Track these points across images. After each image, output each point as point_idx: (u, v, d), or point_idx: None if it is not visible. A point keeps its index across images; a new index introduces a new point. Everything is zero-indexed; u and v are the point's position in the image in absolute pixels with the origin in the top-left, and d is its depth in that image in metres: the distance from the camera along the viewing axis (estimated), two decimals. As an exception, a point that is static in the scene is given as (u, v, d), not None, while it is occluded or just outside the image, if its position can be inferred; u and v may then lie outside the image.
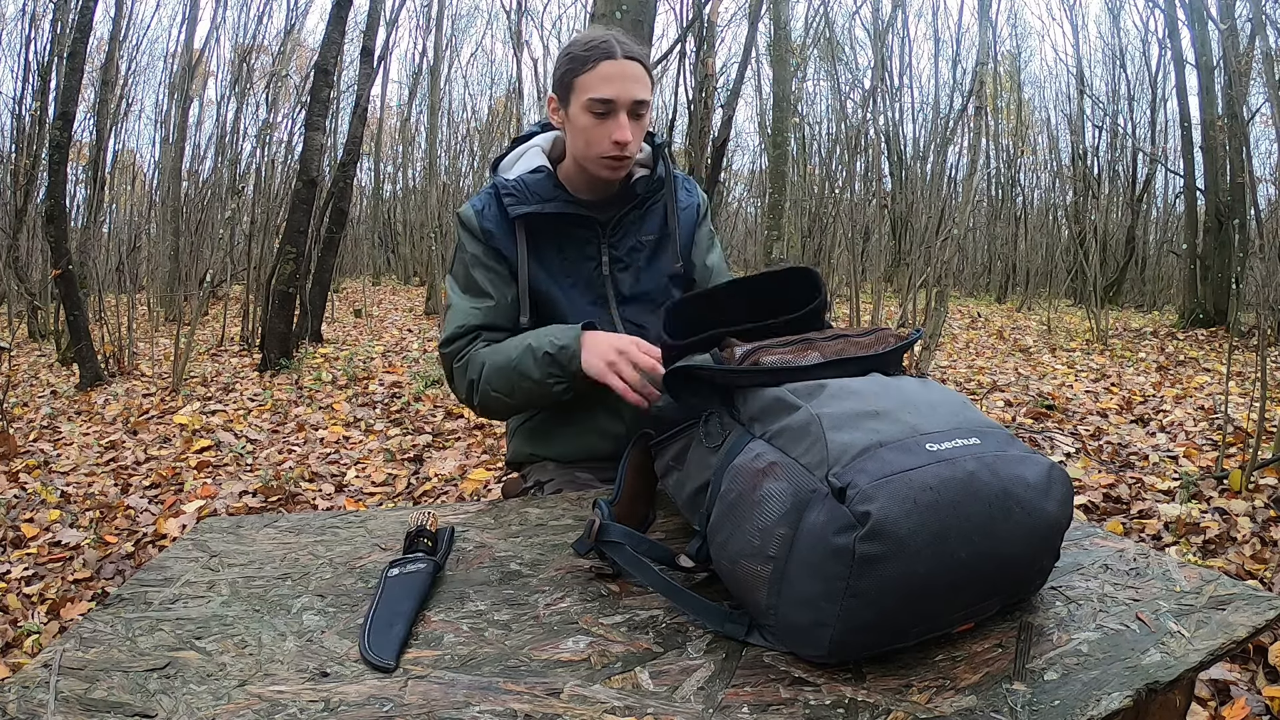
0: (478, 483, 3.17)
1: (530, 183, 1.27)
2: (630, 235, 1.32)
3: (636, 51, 1.21)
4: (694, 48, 6.25)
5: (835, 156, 11.41)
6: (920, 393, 0.80)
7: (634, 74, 1.19)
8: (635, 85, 1.19)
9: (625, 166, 1.25)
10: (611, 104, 1.18)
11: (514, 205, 1.26)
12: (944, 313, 5.44)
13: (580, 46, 1.21)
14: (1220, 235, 8.47)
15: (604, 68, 1.18)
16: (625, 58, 1.19)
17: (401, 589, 0.83)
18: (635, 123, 1.21)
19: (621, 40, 1.21)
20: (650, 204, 1.34)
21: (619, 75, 1.18)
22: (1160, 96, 13.62)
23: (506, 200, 1.26)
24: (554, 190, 1.27)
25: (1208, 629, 0.74)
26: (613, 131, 1.19)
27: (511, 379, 1.22)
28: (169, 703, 0.65)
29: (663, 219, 1.35)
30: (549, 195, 1.27)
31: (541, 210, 1.26)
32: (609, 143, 1.20)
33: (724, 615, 0.76)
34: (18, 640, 2.07)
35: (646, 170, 1.33)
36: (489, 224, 1.28)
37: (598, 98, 1.18)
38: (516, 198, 1.26)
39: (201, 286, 7.31)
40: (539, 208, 1.26)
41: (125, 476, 3.42)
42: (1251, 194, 8.48)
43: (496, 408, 1.29)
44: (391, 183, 18.45)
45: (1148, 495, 2.79)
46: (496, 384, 1.23)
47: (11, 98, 10.00)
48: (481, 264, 1.29)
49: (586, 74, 1.19)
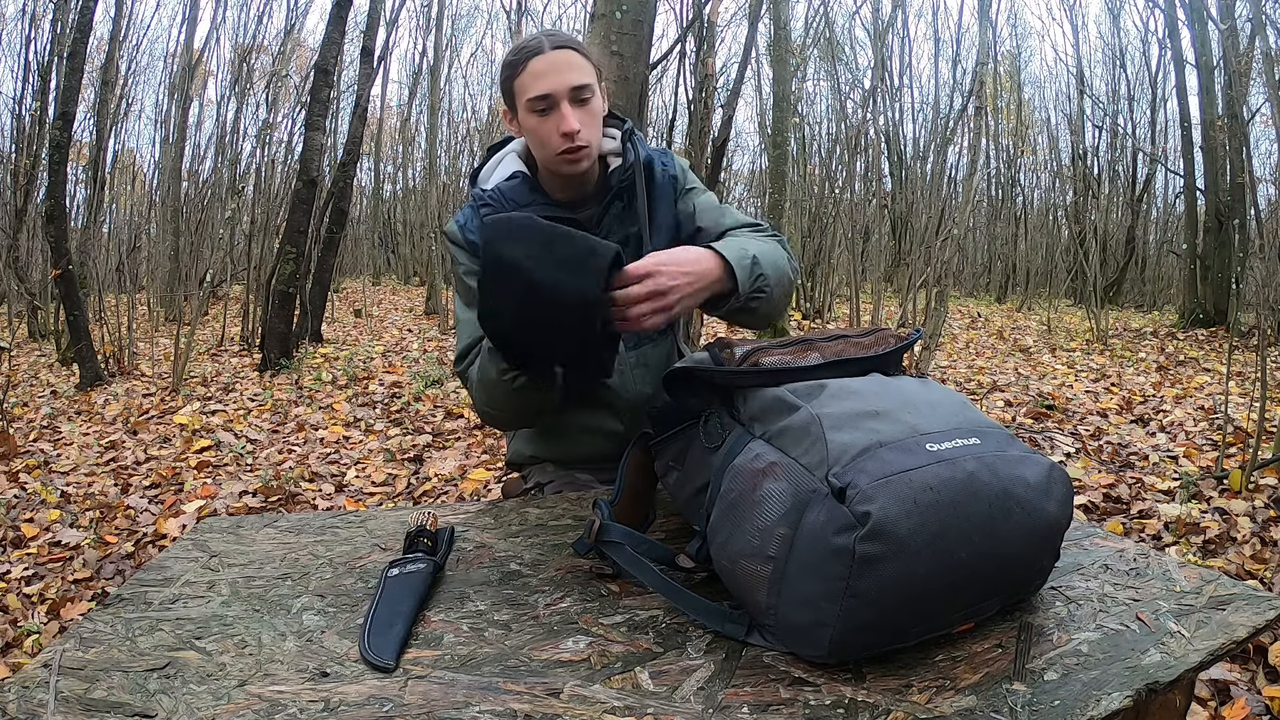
0: (478, 483, 3.17)
1: (506, 190, 1.25)
2: (616, 230, 1.28)
3: (566, 39, 1.19)
4: (694, 48, 6.24)
5: (835, 156, 11.41)
6: (920, 393, 0.80)
7: (565, 62, 1.17)
8: (569, 73, 1.16)
9: (585, 156, 1.21)
10: (550, 97, 1.16)
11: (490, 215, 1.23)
12: (944, 313, 5.44)
13: (511, 52, 1.20)
14: (1220, 235, 8.47)
15: (534, 65, 1.16)
16: (554, 49, 1.16)
17: (401, 589, 0.83)
18: (580, 109, 1.18)
19: (551, 34, 1.19)
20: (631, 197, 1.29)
21: (550, 68, 1.16)
22: (1160, 96, 13.64)
23: (484, 211, 1.24)
24: (530, 195, 1.26)
25: (1208, 629, 0.74)
26: (559, 124, 1.16)
27: (486, 386, 1.14)
28: (169, 703, 0.65)
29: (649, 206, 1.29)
30: (525, 200, 1.25)
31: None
32: (558, 137, 1.17)
33: (724, 615, 0.76)
34: (18, 640, 2.07)
35: (619, 160, 1.29)
36: (473, 236, 1.26)
37: (535, 95, 1.16)
38: (493, 207, 1.24)
39: (201, 286, 7.31)
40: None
41: (125, 476, 3.42)
42: (1251, 194, 8.48)
43: (500, 422, 1.26)
44: (391, 183, 18.47)
45: (1148, 495, 2.79)
46: (480, 397, 1.19)
47: (11, 98, 10.01)
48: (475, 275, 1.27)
49: (521, 76, 1.17)
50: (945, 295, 5.41)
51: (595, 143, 1.22)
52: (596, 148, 1.23)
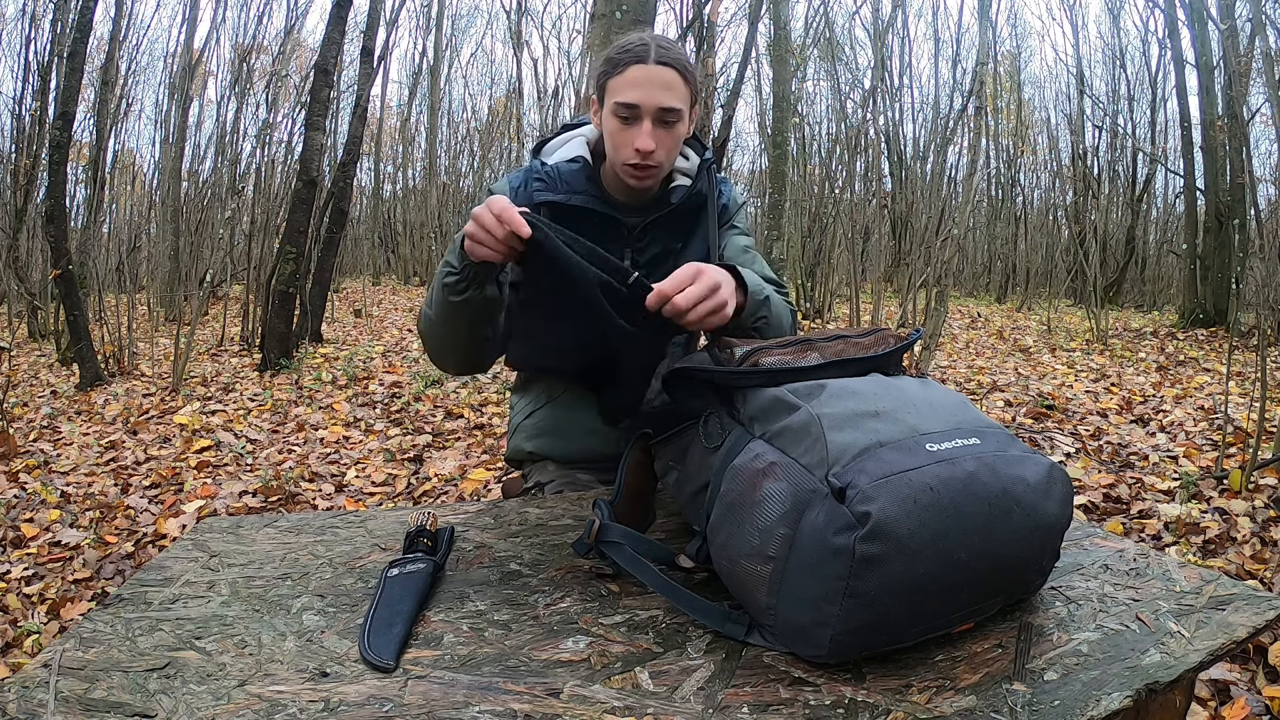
0: (478, 483, 3.17)
1: (564, 172, 1.25)
2: (657, 242, 1.28)
3: (673, 58, 1.16)
4: (694, 48, 6.24)
5: (835, 156, 11.42)
6: (920, 393, 0.80)
7: (664, 80, 1.15)
8: (663, 93, 1.15)
9: (651, 176, 1.20)
10: (636, 109, 1.15)
11: (540, 190, 1.23)
12: (944, 313, 5.44)
13: (617, 49, 1.19)
14: (1220, 235, 8.48)
15: (632, 72, 1.15)
16: (658, 63, 1.15)
17: (401, 589, 0.83)
18: (663, 131, 1.17)
19: (661, 45, 1.17)
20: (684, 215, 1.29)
21: (646, 81, 1.14)
22: (1160, 96, 13.65)
23: (535, 185, 1.24)
24: (585, 184, 1.25)
25: (1208, 629, 0.74)
26: (635, 138, 1.16)
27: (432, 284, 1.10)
28: (169, 703, 0.65)
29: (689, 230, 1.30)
30: (579, 188, 1.24)
31: (567, 201, 1.23)
32: (631, 149, 1.16)
33: (724, 615, 0.76)
34: (18, 640, 2.07)
35: (688, 181, 1.28)
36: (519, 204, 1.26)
37: (623, 102, 1.15)
38: (545, 184, 1.24)
39: (201, 286, 7.31)
40: (565, 198, 1.23)
41: (125, 476, 3.42)
42: (1251, 194, 8.48)
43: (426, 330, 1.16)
44: (391, 183, 18.48)
45: (1148, 495, 2.79)
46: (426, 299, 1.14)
47: (11, 98, 10.01)
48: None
49: (617, 77, 1.16)
50: (945, 295, 5.42)
51: (668, 165, 1.22)
52: (667, 169, 1.23)
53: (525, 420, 1.41)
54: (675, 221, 1.28)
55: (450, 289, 1.04)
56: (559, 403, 1.38)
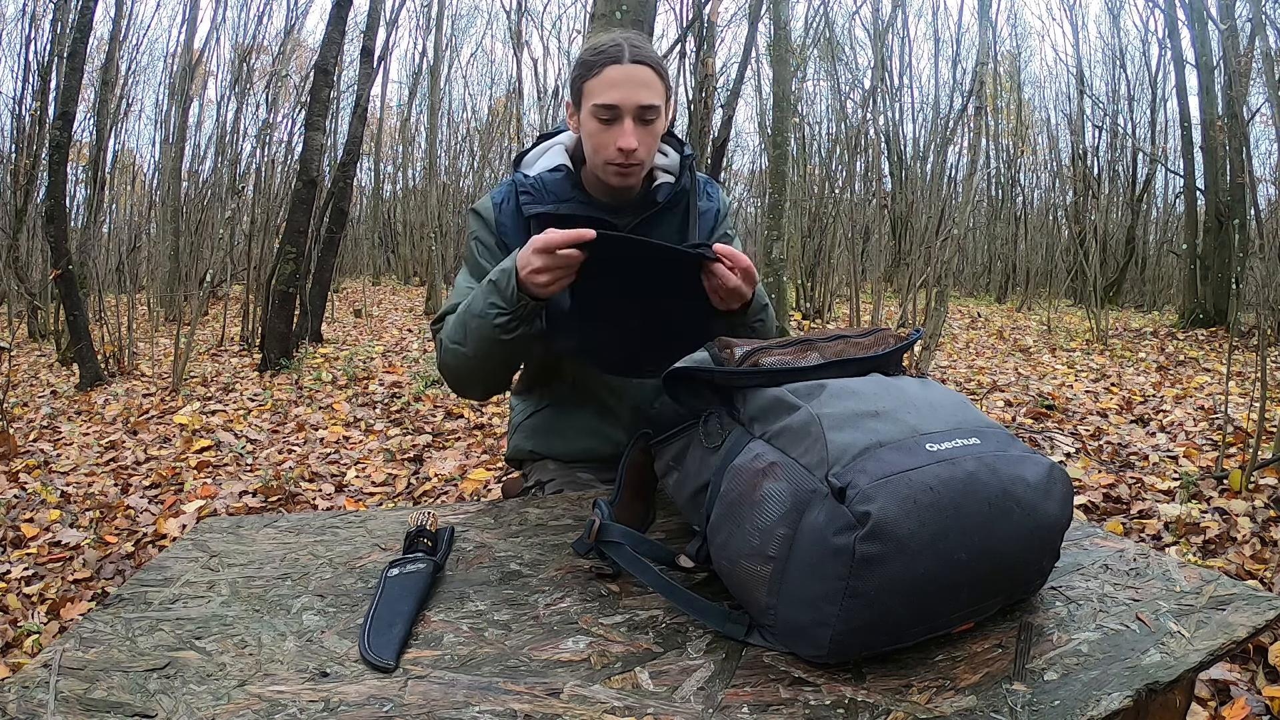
0: (478, 483, 3.17)
1: (548, 182, 1.26)
2: None
3: (647, 55, 1.18)
4: (694, 48, 6.25)
5: (835, 156, 11.40)
6: (920, 393, 0.80)
7: (640, 78, 1.16)
8: (641, 90, 1.16)
9: (634, 174, 1.22)
10: (616, 110, 1.16)
11: (529, 204, 1.25)
12: (944, 313, 5.44)
13: (590, 51, 1.20)
14: (1220, 235, 8.48)
15: (609, 73, 1.16)
16: (633, 62, 1.16)
17: (401, 589, 0.83)
18: (643, 128, 1.18)
19: (634, 44, 1.18)
20: (670, 212, 1.31)
21: (624, 80, 1.16)
22: (1160, 96, 13.65)
23: (523, 199, 1.25)
24: (571, 191, 1.26)
25: (1208, 629, 0.74)
26: (618, 138, 1.17)
27: (464, 320, 1.11)
28: (169, 703, 0.65)
29: (680, 228, 1.32)
30: (565, 196, 1.25)
31: (555, 211, 1.24)
32: (614, 149, 1.18)
33: (724, 615, 0.76)
34: (18, 640, 2.07)
35: (671, 178, 1.30)
36: (505, 218, 1.27)
37: (602, 103, 1.16)
38: (532, 196, 1.25)
39: (201, 286, 7.31)
40: (553, 208, 1.24)
41: (125, 476, 3.42)
42: (1251, 194, 8.49)
43: (456, 365, 1.17)
44: (391, 183, 18.48)
45: (1148, 495, 2.79)
46: (453, 333, 1.15)
47: (11, 98, 10.00)
48: (490, 252, 1.27)
49: (593, 79, 1.17)
50: (945, 295, 5.42)
51: (649, 162, 1.24)
52: (648, 166, 1.25)
53: (526, 420, 1.41)
54: (663, 219, 1.30)
55: (502, 329, 1.07)
56: (559, 404, 1.38)
